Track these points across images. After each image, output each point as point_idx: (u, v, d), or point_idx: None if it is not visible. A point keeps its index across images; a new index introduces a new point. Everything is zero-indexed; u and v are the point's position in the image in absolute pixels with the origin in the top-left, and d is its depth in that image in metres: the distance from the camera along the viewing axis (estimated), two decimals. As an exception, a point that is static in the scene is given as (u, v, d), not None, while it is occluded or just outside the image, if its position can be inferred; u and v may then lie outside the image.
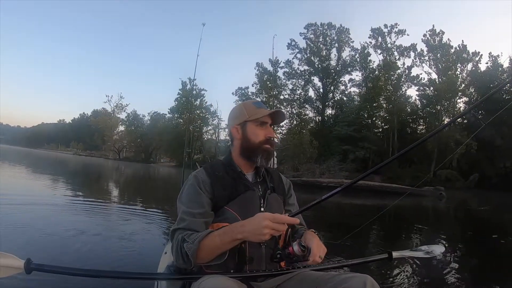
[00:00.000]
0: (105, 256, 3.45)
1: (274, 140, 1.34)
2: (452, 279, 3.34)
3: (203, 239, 1.06)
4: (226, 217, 1.19)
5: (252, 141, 1.30)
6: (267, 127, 1.33)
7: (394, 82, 36.13)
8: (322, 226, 6.15)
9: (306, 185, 18.74)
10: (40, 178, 12.94)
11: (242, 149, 1.33)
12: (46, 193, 8.49)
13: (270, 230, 1.00)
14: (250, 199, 1.24)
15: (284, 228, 1.04)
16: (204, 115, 47.03)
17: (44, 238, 3.95)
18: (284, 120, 1.40)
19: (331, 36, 40.47)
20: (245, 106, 1.35)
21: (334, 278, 1.09)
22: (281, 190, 1.39)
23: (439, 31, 35.73)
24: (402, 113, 36.77)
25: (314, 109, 41.81)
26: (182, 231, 1.13)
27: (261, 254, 1.18)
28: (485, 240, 6.23)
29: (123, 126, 63.15)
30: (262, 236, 1.00)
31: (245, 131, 1.32)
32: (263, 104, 1.36)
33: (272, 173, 1.42)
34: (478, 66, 34.97)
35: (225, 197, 1.21)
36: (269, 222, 1.00)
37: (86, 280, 2.24)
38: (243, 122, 1.33)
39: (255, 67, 40.94)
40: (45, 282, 2.40)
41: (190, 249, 1.05)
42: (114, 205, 7.93)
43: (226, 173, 1.28)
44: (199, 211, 1.17)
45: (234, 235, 1.05)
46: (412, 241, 5.98)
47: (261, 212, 1.20)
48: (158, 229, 5.16)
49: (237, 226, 1.06)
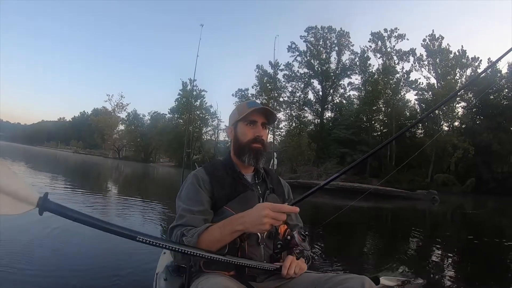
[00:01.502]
0: (103, 255, 3.45)
1: (263, 138, 1.31)
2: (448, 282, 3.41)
3: (203, 232, 1.07)
4: (225, 216, 1.17)
5: (241, 140, 1.30)
6: (256, 126, 1.31)
7: (393, 86, 36.37)
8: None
9: (302, 187, 18.98)
10: (39, 174, 12.84)
11: (234, 149, 1.34)
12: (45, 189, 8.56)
13: (270, 220, 0.99)
14: (249, 199, 1.23)
15: (284, 218, 1.02)
16: (204, 115, 47.31)
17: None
18: (275, 118, 1.39)
19: (331, 39, 40.73)
20: (238, 107, 1.36)
21: (332, 279, 1.09)
22: (280, 192, 1.39)
23: (438, 36, 36.17)
24: (401, 117, 37.00)
25: (313, 112, 42.03)
26: (181, 227, 1.13)
27: (260, 253, 1.18)
28: (460, 241, 6.40)
29: (123, 126, 63.38)
30: (262, 225, 1.00)
31: (236, 131, 1.33)
32: (258, 104, 1.34)
33: (272, 175, 1.43)
34: (477, 72, 35.26)
35: (224, 197, 1.21)
36: (269, 211, 0.99)
37: (86, 272, 2.34)
38: (235, 122, 1.34)
39: (255, 69, 41.22)
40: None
41: (189, 242, 1.05)
42: (112, 202, 7.96)
43: (225, 173, 1.28)
44: (198, 209, 1.17)
45: (234, 226, 1.04)
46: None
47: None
48: (157, 229, 5.19)
49: (236, 218, 1.06)
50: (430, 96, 35.37)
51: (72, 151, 74.38)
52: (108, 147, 63.29)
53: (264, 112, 1.31)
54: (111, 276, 2.73)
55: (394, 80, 36.65)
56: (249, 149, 1.28)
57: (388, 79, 36.29)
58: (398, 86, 36.74)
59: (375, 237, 6.63)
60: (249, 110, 1.28)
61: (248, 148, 1.28)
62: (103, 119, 61.81)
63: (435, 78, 36.28)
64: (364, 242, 5.93)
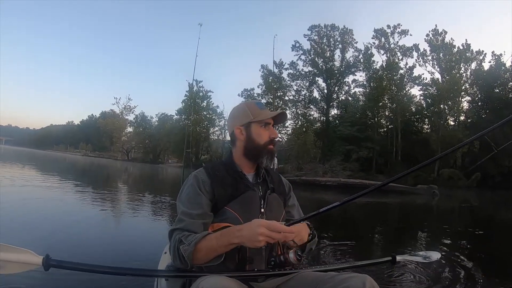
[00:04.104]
0: (105, 255, 3.57)
1: (277, 140, 1.35)
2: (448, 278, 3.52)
3: (200, 241, 1.07)
4: (226, 217, 1.19)
5: (257, 142, 1.30)
6: (270, 128, 1.33)
7: (397, 82, 36.45)
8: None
9: (306, 184, 19.57)
10: (50, 178, 13.35)
11: (246, 150, 1.32)
12: (58, 192, 8.94)
13: (265, 238, 1.01)
14: (250, 199, 1.24)
15: (280, 237, 1.04)
16: (211, 116, 47.92)
17: (55, 233, 4.27)
18: (285, 120, 1.41)
19: (335, 37, 40.78)
20: (249, 107, 1.35)
21: (333, 278, 1.09)
22: (281, 191, 1.39)
23: (441, 30, 36.05)
24: (407, 113, 37.04)
25: (319, 110, 42.19)
26: (179, 231, 1.13)
27: (262, 254, 1.18)
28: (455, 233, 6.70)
29: (131, 128, 64.30)
30: (257, 242, 1.01)
31: (250, 132, 1.31)
32: (264, 105, 1.38)
33: (272, 174, 1.41)
34: (482, 65, 35.13)
35: (225, 197, 1.21)
36: (264, 229, 1.01)
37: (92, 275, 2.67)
38: (247, 123, 1.32)
39: (260, 68, 41.59)
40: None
41: (186, 251, 1.06)
42: (117, 202, 8.31)
43: (226, 173, 1.28)
44: (197, 212, 1.17)
45: (230, 239, 1.05)
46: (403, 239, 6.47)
47: (261, 212, 1.23)
48: (157, 228, 5.37)
49: (234, 231, 1.07)
50: (434, 91, 35.32)
51: (81, 154, 75.15)
52: (116, 149, 64.25)
53: (277, 115, 1.34)
54: (111, 276, 2.91)
55: (398, 76, 36.67)
56: (266, 151, 1.30)
57: (392, 75, 36.32)
58: (402, 82, 36.76)
59: (380, 228, 7.01)
60: (270, 115, 1.32)
61: (266, 150, 1.30)
62: (111, 121, 62.77)
63: (439, 73, 36.24)
64: (372, 232, 6.31)
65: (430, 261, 1.66)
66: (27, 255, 1.07)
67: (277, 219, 1.21)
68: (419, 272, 3.40)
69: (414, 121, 38.04)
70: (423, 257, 1.65)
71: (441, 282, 3.33)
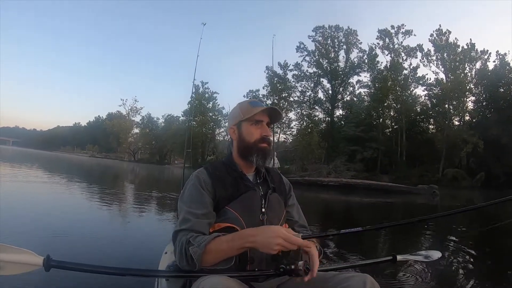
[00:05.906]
0: (105, 255, 3.55)
1: (270, 138, 1.33)
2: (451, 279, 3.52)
3: (210, 242, 1.05)
4: (227, 217, 1.18)
5: (247, 140, 1.29)
6: (262, 125, 1.31)
7: (402, 82, 36.57)
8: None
9: (309, 184, 19.90)
10: (57, 178, 13.54)
11: (239, 150, 1.32)
12: (65, 193, 9.03)
13: (281, 247, 1.00)
14: (251, 199, 1.23)
15: (294, 248, 1.03)
16: (216, 117, 48.45)
17: (56, 233, 4.26)
18: (281, 117, 1.37)
19: (339, 38, 41.05)
20: (240, 106, 1.34)
21: (334, 278, 1.09)
22: (282, 191, 1.37)
23: (445, 30, 36.16)
24: (411, 113, 37.17)
25: (323, 111, 42.39)
26: (186, 232, 1.11)
27: (263, 254, 1.14)
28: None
29: (138, 129, 64.96)
30: (271, 250, 1.00)
31: (241, 131, 1.31)
32: (260, 102, 1.35)
33: (273, 174, 1.41)
34: (486, 65, 35.10)
35: (226, 197, 1.20)
36: (282, 240, 1.00)
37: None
38: (238, 122, 1.31)
39: (265, 70, 41.98)
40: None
41: (196, 252, 1.04)
42: (118, 203, 8.27)
43: (227, 173, 1.27)
44: (202, 212, 1.15)
45: (243, 243, 1.04)
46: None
47: (262, 212, 1.23)
48: (158, 228, 5.41)
49: (247, 235, 1.05)
50: (439, 91, 35.40)
51: (88, 155, 75.76)
52: (123, 150, 64.87)
53: (269, 111, 1.32)
54: (112, 276, 3.09)
55: (402, 77, 36.77)
56: (257, 149, 1.28)
57: (396, 76, 36.45)
58: (406, 82, 36.87)
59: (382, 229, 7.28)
60: (257, 110, 1.28)
61: (256, 148, 1.28)
62: (118, 123, 63.30)
63: (443, 73, 36.33)
64: (373, 232, 6.58)
65: (431, 260, 1.65)
66: (28, 255, 1.06)
67: (278, 219, 1.26)
68: (420, 271, 3.37)
69: (419, 121, 38.12)
70: (424, 257, 1.66)
71: (442, 282, 3.34)
